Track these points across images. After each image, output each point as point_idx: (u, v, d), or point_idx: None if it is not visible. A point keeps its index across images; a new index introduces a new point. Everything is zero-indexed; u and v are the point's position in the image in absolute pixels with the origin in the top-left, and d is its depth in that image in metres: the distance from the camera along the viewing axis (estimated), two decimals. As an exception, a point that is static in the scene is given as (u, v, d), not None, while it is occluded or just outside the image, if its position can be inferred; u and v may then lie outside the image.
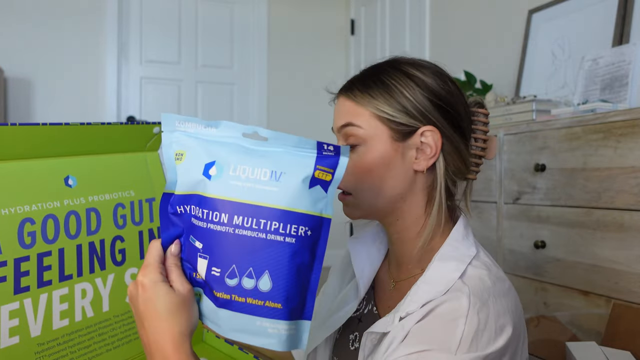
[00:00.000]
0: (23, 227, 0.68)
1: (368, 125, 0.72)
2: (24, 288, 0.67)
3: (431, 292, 0.66)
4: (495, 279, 0.68)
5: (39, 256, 0.69)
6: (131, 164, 0.83)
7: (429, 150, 0.71)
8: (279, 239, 0.52)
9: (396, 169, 0.72)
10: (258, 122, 3.87)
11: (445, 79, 0.74)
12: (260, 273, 0.52)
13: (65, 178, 0.74)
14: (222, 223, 0.53)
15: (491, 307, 0.63)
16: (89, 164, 0.77)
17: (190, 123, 0.57)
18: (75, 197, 0.74)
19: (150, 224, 0.84)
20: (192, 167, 0.56)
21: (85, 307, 0.73)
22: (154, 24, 3.63)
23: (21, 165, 0.69)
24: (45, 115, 3.28)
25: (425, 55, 3.15)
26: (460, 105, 0.74)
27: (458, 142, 0.73)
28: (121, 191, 0.80)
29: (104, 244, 0.76)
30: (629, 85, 1.61)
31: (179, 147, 0.57)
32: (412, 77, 0.72)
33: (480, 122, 0.77)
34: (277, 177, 0.53)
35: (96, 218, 0.76)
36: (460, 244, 0.72)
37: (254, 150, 0.55)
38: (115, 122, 0.76)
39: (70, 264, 0.72)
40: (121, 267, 0.79)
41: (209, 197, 0.54)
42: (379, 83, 0.72)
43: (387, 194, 0.73)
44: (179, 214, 0.57)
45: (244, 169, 0.54)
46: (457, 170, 0.74)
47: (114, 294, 0.77)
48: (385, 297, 0.82)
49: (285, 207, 0.53)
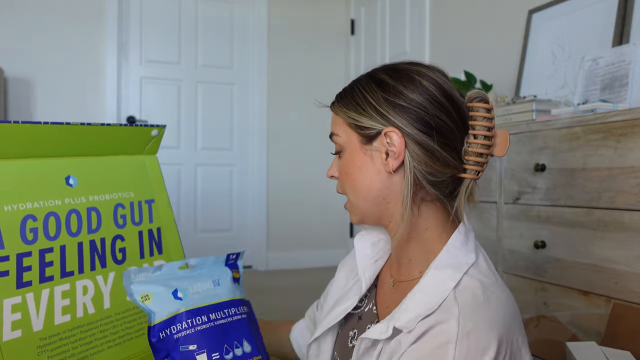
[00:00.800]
0: (25, 223, 0.69)
1: (343, 133, 0.77)
2: (26, 283, 0.68)
3: (424, 303, 0.66)
4: (489, 292, 0.68)
5: (41, 252, 0.70)
6: (130, 166, 0.85)
7: (395, 150, 0.72)
8: (238, 317, 0.77)
9: (368, 171, 0.75)
10: (258, 122, 3.88)
11: (418, 80, 0.73)
12: (241, 342, 0.75)
13: (66, 177, 0.75)
14: (204, 322, 0.73)
15: (480, 326, 0.64)
16: (90, 165, 0.79)
17: (143, 273, 0.73)
18: (76, 196, 0.75)
19: (149, 224, 0.85)
20: (163, 299, 0.72)
21: (87, 304, 0.74)
22: (154, 24, 3.63)
23: (23, 163, 0.71)
24: (46, 115, 3.29)
25: (425, 55, 3.16)
26: (435, 103, 0.72)
27: (426, 141, 0.71)
28: (121, 192, 0.82)
29: (104, 243, 0.77)
30: (629, 85, 1.61)
31: (142, 291, 0.71)
32: (379, 81, 0.74)
33: (480, 117, 0.74)
34: (217, 283, 0.78)
35: (97, 217, 0.77)
36: (458, 251, 0.72)
37: (193, 275, 0.77)
38: (114, 124, 0.77)
39: (71, 261, 0.73)
40: (122, 265, 0.80)
41: (189, 310, 0.73)
42: (350, 91, 0.77)
43: (366, 195, 0.76)
44: (162, 339, 0.71)
45: (197, 286, 0.75)
46: (434, 170, 0.72)
47: (115, 292, 0.78)
48: (385, 297, 0.82)
49: (232, 297, 0.78)
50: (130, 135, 0.83)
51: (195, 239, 3.71)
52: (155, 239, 0.87)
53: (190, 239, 3.68)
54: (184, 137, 3.72)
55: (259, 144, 3.88)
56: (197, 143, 3.76)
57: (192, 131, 3.74)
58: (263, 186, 3.88)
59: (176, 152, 3.69)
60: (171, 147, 3.66)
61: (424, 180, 0.72)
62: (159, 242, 0.88)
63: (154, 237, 0.86)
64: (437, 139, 0.71)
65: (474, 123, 0.74)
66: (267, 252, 3.88)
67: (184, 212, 3.69)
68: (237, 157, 3.88)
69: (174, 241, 0.92)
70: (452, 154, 0.72)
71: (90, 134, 0.76)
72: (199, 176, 3.76)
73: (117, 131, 0.80)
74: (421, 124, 0.71)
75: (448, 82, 0.75)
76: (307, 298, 1.25)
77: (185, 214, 3.70)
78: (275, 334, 1.08)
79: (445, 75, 0.77)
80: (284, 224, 3.92)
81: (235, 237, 3.86)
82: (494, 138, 0.74)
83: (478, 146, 0.73)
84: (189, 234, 3.70)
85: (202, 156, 3.77)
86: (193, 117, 3.75)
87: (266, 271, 3.82)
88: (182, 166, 3.71)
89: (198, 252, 3.68)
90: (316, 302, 1.06)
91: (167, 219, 0.91)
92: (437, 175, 0.72)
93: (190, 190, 3.73)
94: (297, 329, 1.06)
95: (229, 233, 3.85)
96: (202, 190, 3.76)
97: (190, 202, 3.72)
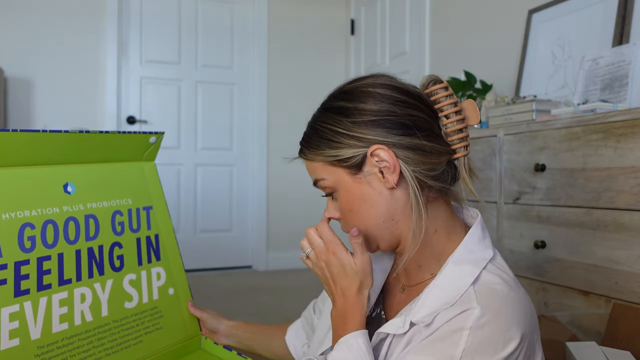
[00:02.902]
0: (23, 231, 0.69)
1: (328, 174, 0.75)
2: (24, 291, 0.68)
3: (443, 297, 0.66)
4: (509, 287, 0.68)
5: (39, 260, 0.70)
6: (128, 172, 0.85)
7: (388, 165, 0.71)
8: None
9: (371, 198, 0.73)
10: (258, 122, 3.87)
11: (372, 92, 0.73)
12: None
13: (64, 185, 0.75)
14: None
15: (501, 318, 0.63)
16: (88, 172, 0.79)
17: None
18: (74, 204, 0.75)
19: (147, 231, 0.85)
20: None
21: (85, 312, 0.74)
22: (154, 24, 3.63)
23: (21, 172, 0.71)
24: (46, 115, 3.29)
25: (425, 55, 3.15)
26: (400, 104, 0.72)
27: (413, 142, 0.71)
28: (119, 199, 0.81)
29: (102, 250, 0.77)
30: (629, 85, 1.61)
31: None
32: (338, 109, 0.73)
33: (442, 97, 0.74)
34: None
35: (95, 224, 0.77)
36: (476, 246, 0.72)
37: None
38: (112, 131, 0.77)
39: (69, 269, 0.73)
40: (119, 273, 0.80)
41: None
42: (315, 133, 0.76)
43: (376, 222, 0.74)
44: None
45: None
46: (431, 164, 0.72)
47: (113, 299, 0.78)
48: (395, 302, 0.82)
49: None
50: (128, 142, 0.83)
51: (195, 239, 3.71)
52: (153, 246, 0.87)
53: (190, 239, 3.68)
54: (184, 137, 3.72)
55: (259, 144, 3.88)
56: (197, 143, 3.76)
57: (192, 131, 3.74)
58: (263, 186, 3.88)
59: (176, 152, 3.69)
60: (171, 147, 3.66)
61: (428, 178, 0.72)
62: (157, 249, 0.88)
63: (152, 244, 0.86)
64: (421, 135, 0.71)
65: (440, 105, 0.74)
66: (267, 252, 3.88)
67: (183, 213, 3.69)
68: (237, 157, 3.88)
69: (172, 248, 0.92)
70: (439, 141, 0.73)
71: (88, 142, 0.75)
72: (198, 176, 3.76)
73: (115, 138, 0.80)
74: (399, 128, 0.71)
75: (398, 81, 0.75)
76: (307, 298, 1.25)
77: (185, 214, 3.70)
78: (273, 338, 1.08)
79: (391, 76, 0.77)
80: (284, 224, 3.91)
81: (235, 237, 3.86)
82: (463, 111, 0.75)
83: (454, 124, 0.73)
84: (189, 234, 3.70)
85: (202, 156, 3.77)
86: (193, 117, 3.75)
87: (266, 271, 3.82)
88: (182, 166, 3.71)
89: (198, 252, 3.69)
90: (312, 302, 1.05)
91: (165, 226, 0.90)
92: (437, 168, 0.72)
93: (190, 191, 3.73)
94: (293, 329, 1.06)
95: (228, 233, 3.85)
96: (202, 190, 3.76)
97: (190, 202, 3.73)
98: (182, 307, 0.96)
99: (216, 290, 3.14)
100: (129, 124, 3.56)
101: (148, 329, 0.86)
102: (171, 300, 0.93)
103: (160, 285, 0.89)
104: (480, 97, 2.34)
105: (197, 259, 3.69)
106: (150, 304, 0.87)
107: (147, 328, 0.85)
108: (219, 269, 3.79)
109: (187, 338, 0.95)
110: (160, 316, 0.89)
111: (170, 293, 0.93)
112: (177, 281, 0.95)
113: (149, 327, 0.86)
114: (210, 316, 1.03)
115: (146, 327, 0.85)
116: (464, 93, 2.39)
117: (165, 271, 0.91)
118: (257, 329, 1.09)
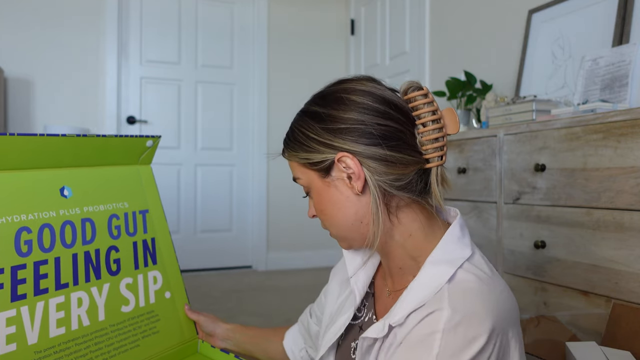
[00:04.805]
0: (20, 235, 0.68)
1: (302, 174, 0.78)
2: (21, 296, 0.68)
3: (418, 298, 0.67)
4: (481, 284, 0.67)
5: (36, 264, 0.69)
6: (125, 176, 0.85)
7: (354, 172, 0.72)
8: None
9: (339, 201, 0.75)
10: (258, 122, 3.87)
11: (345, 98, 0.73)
12: None
13: (60, 189, 0.75)
14: None
15: (472, 317, 0.63)
16: (84, 176, 0.78)
17: None
18: (70, 208, 0.75)
19: (144, 235, 0.85)
20: None
21: (82, 316, 0.74)
22: (154, 24, 3.63)
23: (18, 175, 0.70)
24: (45, 115, 3.29)
25: (425, 55, 3.15)
26: (371, 112, 0.72)
27: (377, 151, 0.71)
28: (115, 202, 0.81)
29: (99, 254, 0.77)
30: (629, 85, 1.61)
31: None
32: (312, 114, 0.75)
33: (421, 104, 0.73)
34: None
35: (91, 228, 0.77)
36: (454, 246, 0.72)
37: None
38: (109, 135, 0.77)
39: (66, 273, 0.72)
40: (116, 276, 0.80)
41: None
42: (292, 134, 0.78)
43: (344, 224, 0.76)
44: None
45: None
46: (397, 174, 0.71)
47: (110, 304, 0.78)
48: (383, 307, 0.82)
49: None
50: (125, 146, 0.83)
51: (195, 239, 3.71)
52: (150, 250, 0.87)
53: (190, 240, 3.68)
54: (184, 137, 3.72)
55: (259, 144, 3.87)
56: (197, 143, 3.76)
57: (192, 131, 3.74)
58: (263, 186, 3.88)
59: (176, 152, 3.69)
60: (171, 147, 3.66)
61: (392, 188, 0.72)
62: (154, 253, 0.87)
63: (148, 248, 0.86)
64: (386, 145, 0.71)
65: (418, 112, 0.73)
66: (267, 252, 3.88)
67: (183, 213, 3.69)
68: (237, 157, 3.88)
69: (169, 251, 0.92)
70: (408, 152, 0.72)
71: (85, 145, 0.75)
72: (198, 176, 3.76)
73: (111, 142, 0.80)
74: (365, 137, 0.71)
75: (377, 86, 0.75)
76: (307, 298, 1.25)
77: (185, 215, 3.70)
78: (270, 341, 1.08)
79: (373, 79, 0.76)
80: (284, 224, 3.91)
81: (235, 237, 3.86)
82: (442, 119, 0.74)
83: (430, 132, 0.72)
84: (189, 234, 3.70)
85: (202, 156, 3.77)
86: (193, 117, 3.75)
87: (266, 271, 3.82)
88: (182, 166, 3.71)
89: (198, 252, 3.69)
90: (309, 307, 1.05)
91: (162, 229, 0.90)
92: (403, 178, 0.72)
93: (190, 191, 3.73)
94: (290, 335, 1.07)
95: (228, 233, 3.85)
96: (202, 191, 3.76)
97: (190, 202, 3.72)
98: (179, 311, 0.96)
99: (216, 290, 3.14)
100: (129, 124, 3.56)
101: (145, 332, 0.86)
102: (168, 304, 0.93)
103: (157, 289, 0.89)
104: (480, 97, 2.34)
105: (197, 259, 3.69)
106: (147, 307, 0.87)
107: (144, 332, 0.85)
108: (219, 269, 3.79)
109: (183, 342, 0.95)
110: (157, 320, 0.89)
111: (167, 297, 0.93)
112: (174, 285, 0.95)
113: (146, 331, 0.86)
114: (207, 319, 1.03)
115: (143, 331, 0.85)
116: (464, 93, 2.39)
117: (161, 275, 0.90)
118: (254, 333, 1.09)
